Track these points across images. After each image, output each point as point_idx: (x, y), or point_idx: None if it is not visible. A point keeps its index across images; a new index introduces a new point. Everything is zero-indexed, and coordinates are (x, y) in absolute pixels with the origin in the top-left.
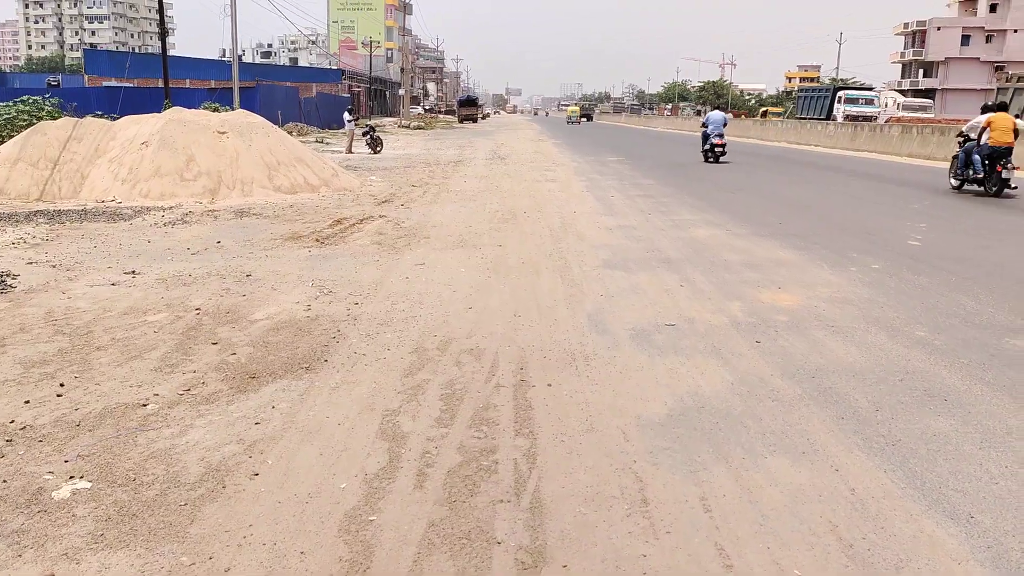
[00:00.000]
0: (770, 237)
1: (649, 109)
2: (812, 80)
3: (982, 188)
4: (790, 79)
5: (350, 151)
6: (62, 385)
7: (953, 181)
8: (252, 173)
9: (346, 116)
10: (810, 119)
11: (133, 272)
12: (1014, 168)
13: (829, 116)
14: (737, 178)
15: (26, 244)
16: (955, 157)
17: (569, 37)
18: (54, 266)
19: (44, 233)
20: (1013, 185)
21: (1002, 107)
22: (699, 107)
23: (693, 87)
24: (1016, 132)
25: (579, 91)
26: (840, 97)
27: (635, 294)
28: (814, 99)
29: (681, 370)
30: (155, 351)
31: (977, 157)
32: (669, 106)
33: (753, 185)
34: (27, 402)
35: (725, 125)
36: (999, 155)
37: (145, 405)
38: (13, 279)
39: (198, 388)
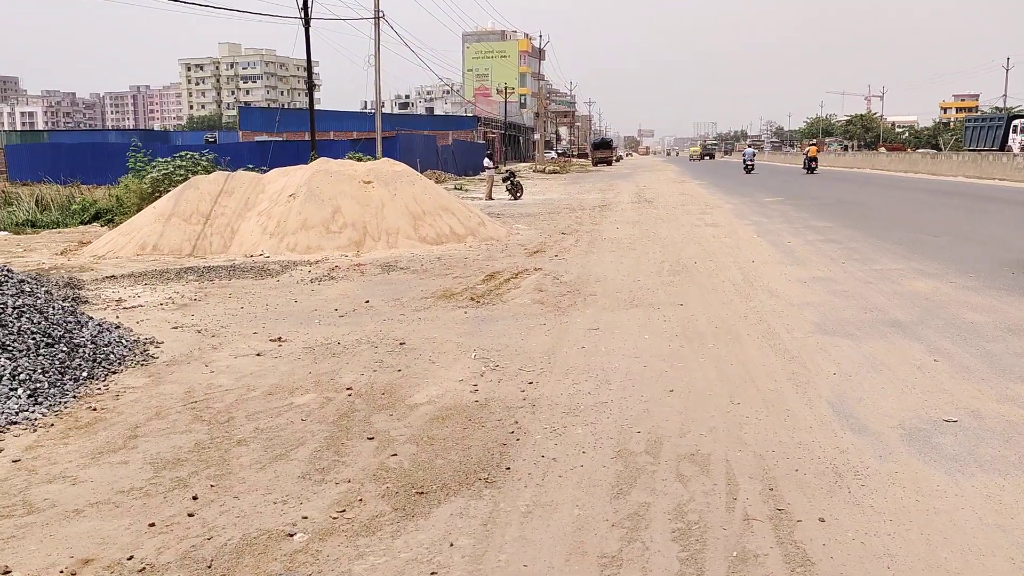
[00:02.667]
0: (1016, 292)
1: (790, 146)
2: (970, 110)
3: None
4: (945, 109)
5: (490, 197)
6: (195, 499)
7: None
8: (397, 223)
9: (486, 162)
10: (980, 150)
11: (279, 339)
12: None
13: (1003, 147)
14: (930, 219)
15: (174, 305)
16: None
17: (702, 75)
18: (199, 331)
19: (193, 292)
20: None
21: None
22: (845, 142)
23: (838, 121)
24: None
25: (713, 129)
26: (1016, 126)
27: (877, 372)
28: (984, 129)
29: (1006, 498)
30: (303, 447)
31: None
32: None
33: (953, 227)
34: (152, 525)
35: (755, 156)
36: None
37: (292, 535)
38: (157, 347)
39: (355, 508)
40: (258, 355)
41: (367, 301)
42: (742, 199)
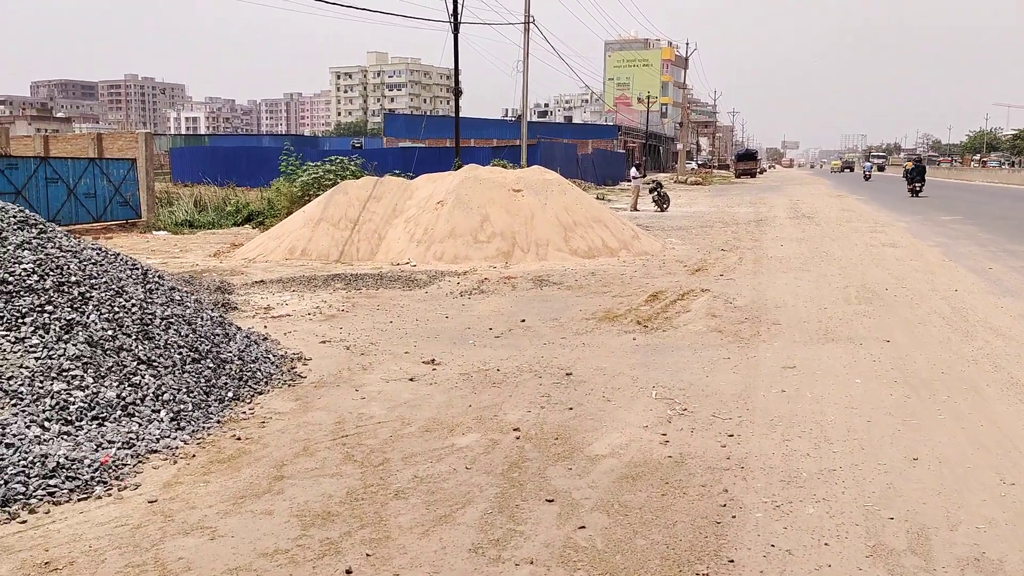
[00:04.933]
0: None
1: (951, 161)
2: None
3: None
4: None
5: (635, 208)
6: (349, 573)
7: None
8: (547, 234)
9: (632, 172)
10: None
11: (432, 361)
12: None
13: None
14: None
15: (321, 315)
16: None
17: (853, 84)
18: (348, 347)
19: (340, 301)
20: None
21: None
22: (1013, 158)
23: (1005, 136)
24: None
25: (863, 142)
26: None
27: None
28: None
29: None
30: (471, 507)
31: None
32: (977, 156)
33: None
34: None
35: (872, 168)
36: None
37: None
38: (304, 364)
39: None
40: (411, 380)
41: (523, 320)
42: (913, 216)
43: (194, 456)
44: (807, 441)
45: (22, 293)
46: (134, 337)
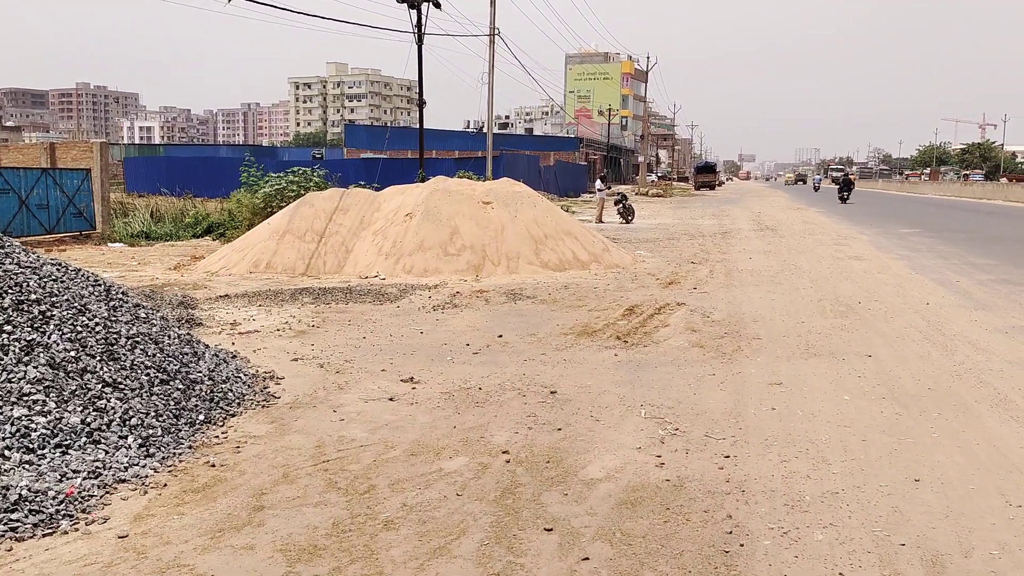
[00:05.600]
0: None
1: (899, 174)
2: None
3: None
4: None
5: (600, 220)
6: None
7: None
8: (518, 247)
9: (598, 184)
10: None
11: (411, 380)
12: None
13: None
14: None
15: (291, 331)
16: None
17: (807, 101)
18: (321, 365)
19: (309, 316)
20: None
21: None
22: (964, 171)
23: (954, 150)
24: None
25: (816, 156)
26: None
27: None
28: None
29: None
30: (466, 538)
31: None
32: (927, 170)
33: None
34: None
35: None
36: None
37: None
38: (278, 383)
39: None
40: (391, 400)
41: (500, 335)
42: (874, 229)
43: (165, 485)
44: (805, 462)
45: None
46: (98, 358)
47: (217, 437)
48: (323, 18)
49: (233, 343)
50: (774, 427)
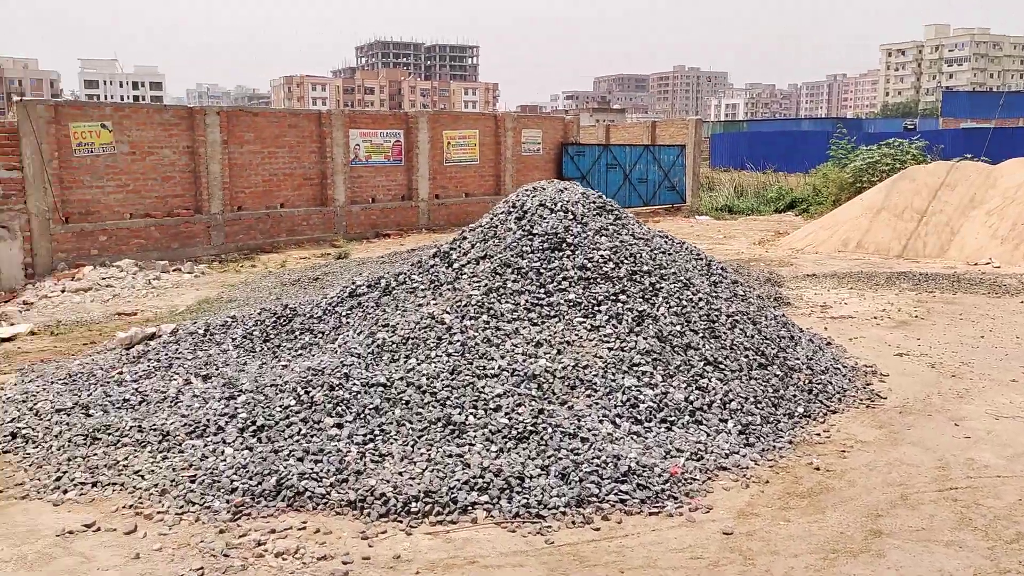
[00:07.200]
0: None
1: None
2: None
3: None
4: None
5: None
6: None
7: None
8: None
9: None
10: None
11: None
12: None
13: None
14: None
15: (890, 320)
16: None
17: None
18: (932, 364)
19: (910, 305)
20: None
21: None
22: None
23: None
24: None
25: None
26: None
27: None
28: None
29: None
30: None
31: None
32: None
33: None
34: None
35: None
36: None
37: None
38: (882, 381)
39: None
40: None
41: None
42: None
43: (767, 482)
44: None
45: (599, 280)
46: (701, 334)
47: (818, 435)
48: None
49: (825, 328)
50: None
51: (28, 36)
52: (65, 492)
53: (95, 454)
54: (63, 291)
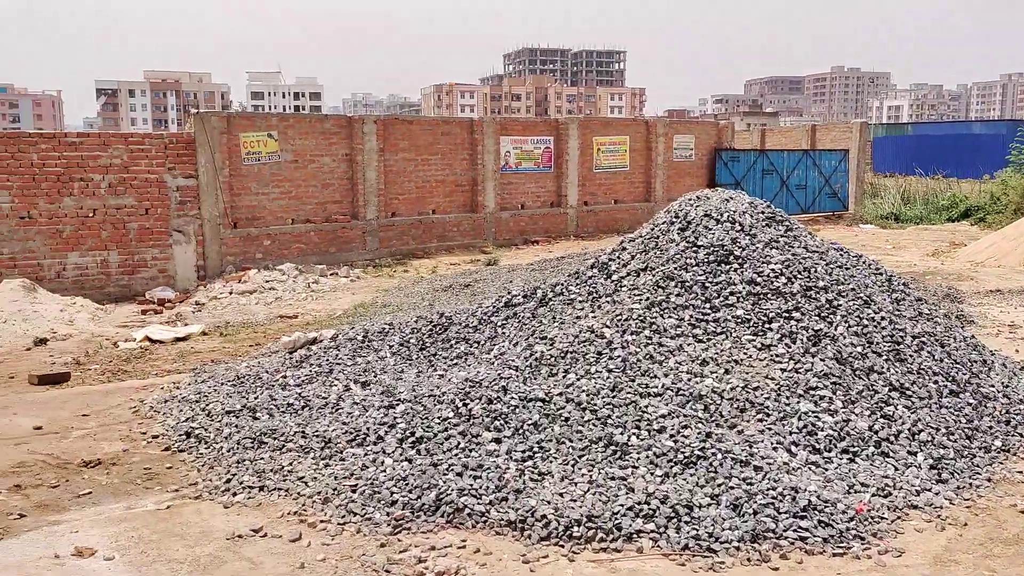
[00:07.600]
0: None
1: None
2: None
3: None
4: None
5: None
6: None
7: None
8: None
9: None
10: None
11: None
12: None
13: None
14: None
15: None
16: None
17: None
18: None
19: None
20: None
21: None
22: None
23: None
24: None
25: None
26: None
27: None
28: None
29: None
30: None
31: None
32: None
33: None
34: None
35: None
36: None
37: None
38: None
39: None
40: None
41: None
42: None
43: (965, 524)
44: None
45: (769, 296)
46: (884, 357)
47: (1020, 472)
48: None
49: (1016, 350)
50: None
51: (201, 50)
52: (235, 495)
53: (262, 458)
54: (231, 293)
